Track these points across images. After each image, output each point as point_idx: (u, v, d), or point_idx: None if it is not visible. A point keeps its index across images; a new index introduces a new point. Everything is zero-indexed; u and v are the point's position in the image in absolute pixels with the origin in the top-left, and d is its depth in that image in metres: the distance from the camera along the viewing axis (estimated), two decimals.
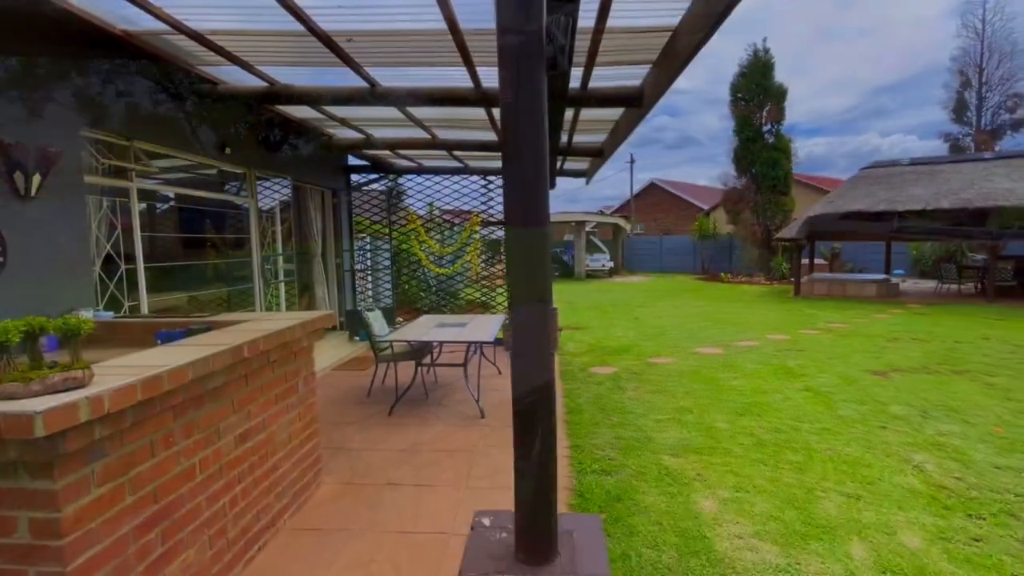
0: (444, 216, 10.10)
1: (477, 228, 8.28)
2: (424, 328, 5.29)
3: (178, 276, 5.62)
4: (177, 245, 6.61)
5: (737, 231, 21.72)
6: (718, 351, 7.49)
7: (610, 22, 2.62)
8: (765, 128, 20.82)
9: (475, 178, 8.13)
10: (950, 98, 25.60)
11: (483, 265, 8.53)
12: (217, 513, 2.32)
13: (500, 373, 6.24)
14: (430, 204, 8.29)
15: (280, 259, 6.21)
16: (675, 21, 2.62)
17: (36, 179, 3.10)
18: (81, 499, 1.64)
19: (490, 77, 3.49)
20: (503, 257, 9.23)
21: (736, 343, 8.07)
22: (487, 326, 5.36)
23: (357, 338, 8.22)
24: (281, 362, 2.88)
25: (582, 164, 7.50)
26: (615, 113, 4.42)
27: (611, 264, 23.30)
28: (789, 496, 3.14)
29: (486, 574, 1.62)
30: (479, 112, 4.64)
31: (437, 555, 2.62)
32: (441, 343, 5.04)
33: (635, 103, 3.53)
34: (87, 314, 3.30)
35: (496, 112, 4.55)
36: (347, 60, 3.21)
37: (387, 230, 8.45)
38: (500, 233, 9.13)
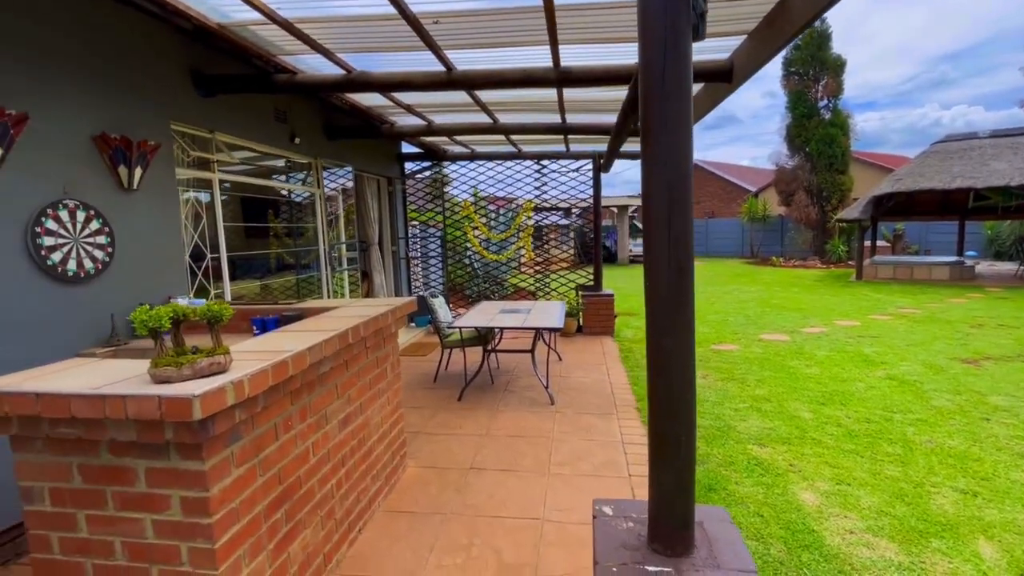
0: (494, 203, 10.08)
1: (530, 214, 8.20)
2: (488, 314, 5.28)
3: (250, 265, 5.82)
4: (248, 234, 6.84)
5: (790, 212, 20.79)
6: (784, 338, 7.20)
7: None
8: (821, 103, 19.72)
9: (528, 163, 8.03)
10: None
11: (536, 251, 8.45)
12: (327, 495, 2.38)
13: (560, 360, 6.20)
14: (474, 190, 8.25)
15: (343, 247, 6.32)
16: None
17: (138, 172, 3.22)
18: (224, 479, 1.69)
19: (573, 56, 3.38)
20: (555, 243, 9.14)
21: (802, 329, 7.73)
22: (552, 312, 5.31)
23: (413, 324, 8.35)
24: (374, 347, 2.92)
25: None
26: (694, 88, 4.22)
27: None
28: (896, 490, 2.97)
29: (625, 564, 1.58)
30: (548, 94, 4.53)
31: (534, 539, 2.61)
32: (501, 329, 5.02)
33: (723, 78, 3.34)
34: (183, 301, 3.43)
35: (570, 93, 4.42)
36: (429, 43, 3.17)
37: (440, 217, 8.49)
38: (553, 219, 9.05)
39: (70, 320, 2.87)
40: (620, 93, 4.36)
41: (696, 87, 4.13)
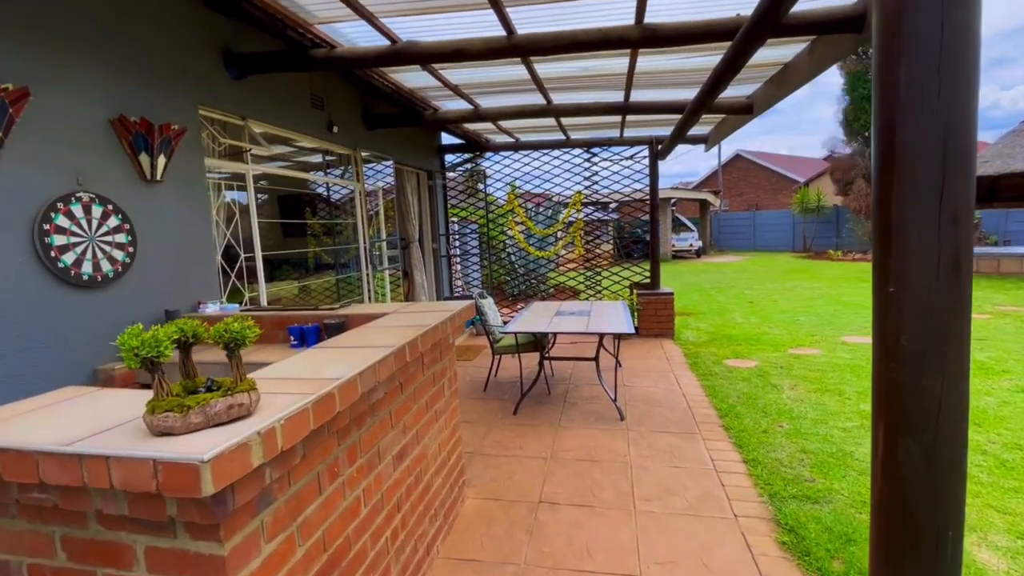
0: (532, 199, 9.53)
1: (580, 207, 7.61)
2: (544, 316, 4.76)
3: (288, 265, 5.49)
4: (284, 232, 6.53)
5: (848, 203, 19.40)
6: (870, 341, 6.37)
7: None
8: None
9: (576, 152, 7.45)
10: None
11: (587, 247, 7.87)
12: (380, 552, 1.90)
13: (620, 365, 5.61)
14: (512, 184, 7.71)
15: (384, 244, 5.92)
16: None
17: (161, 161, 2.84)
18: (252, 562, 1.22)
19: (661, 8, 2.80)
20: (594, 239, 8.52)
21: None
22: (615, 314, 4.73)
23: None
24: (431, 362, 2.43)
25: (703, 128, 6.59)
26: (790, 52, 3.57)
27: (699, 243, 21.73)
28: None
29: None
30: (615, 66, 3.95)
31: None
32: (555, 334, 4.48)
33: (851, 27, 2.70)
34: (213, 308, 3.04)
35: (644, 62, 3.80)
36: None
37: (481, 212, 8.01)
38: (589, 212, 8.45)
39: (86, 331, 2.49)
40: (705, 60, 3.75)
41: (791, 50, 3.48)
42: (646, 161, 7.23)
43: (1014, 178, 11.76)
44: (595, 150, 7.38)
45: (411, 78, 4.36)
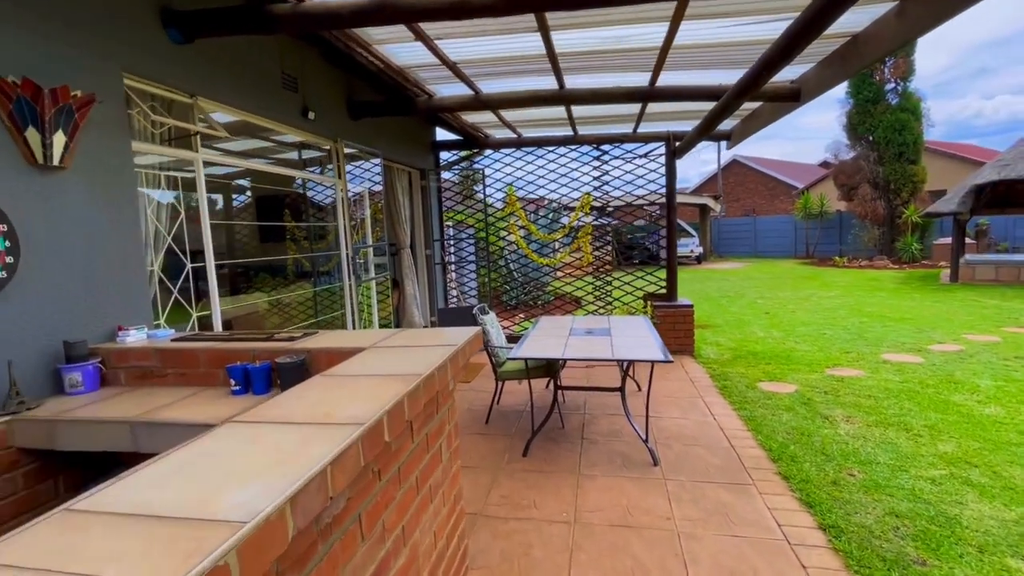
0: (531, 203, 8.83)
1: (588, 210, 6.93)
2: (556, 336, 4.05)
3: (256, 275, 4.74)
4: (252, 237, 5.77)
5: (852, 208, 18.92)
6: (916, 359, 5.73)
7: None
8: (888, 86, 17.84)
9: (585, 150, 6.78)
10: None
11: (595, 253, 7.18)
12: None
13: (639, 389, 4.91)
14: (509, 187, 6.99)
15: (370, 251, 5.19)
16: None
17: (59, 139, 2.10)
18: None
19: None
20: (617, 244, 7.85)
21: (929, 347, 6.24)
22: (640, 333, 4.03)
23: None
24: (423, 423, 1.71)
25: (728, 123, 5.94)
26: (867, 16, 2.91)
27: (700, 249, 21.16)
28: None
29: None
30: (650, 35, 3.27)
31: None
32: (564, 359, 3.77)
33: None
34: (137, 335, 2.30)
35: (686, 30, 3.10)
36: None
37: (479, 215, 7.30)
38: (604, 220, 7.77)
39: None
40: (762, 30, 3.08)
41: (869, 13, 2.80)
42: (661, 159, 6.57)
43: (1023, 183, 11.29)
44: (606, 147, 6.70)
45: (401, 51, 3.65)
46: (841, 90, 19.69)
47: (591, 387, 4.27)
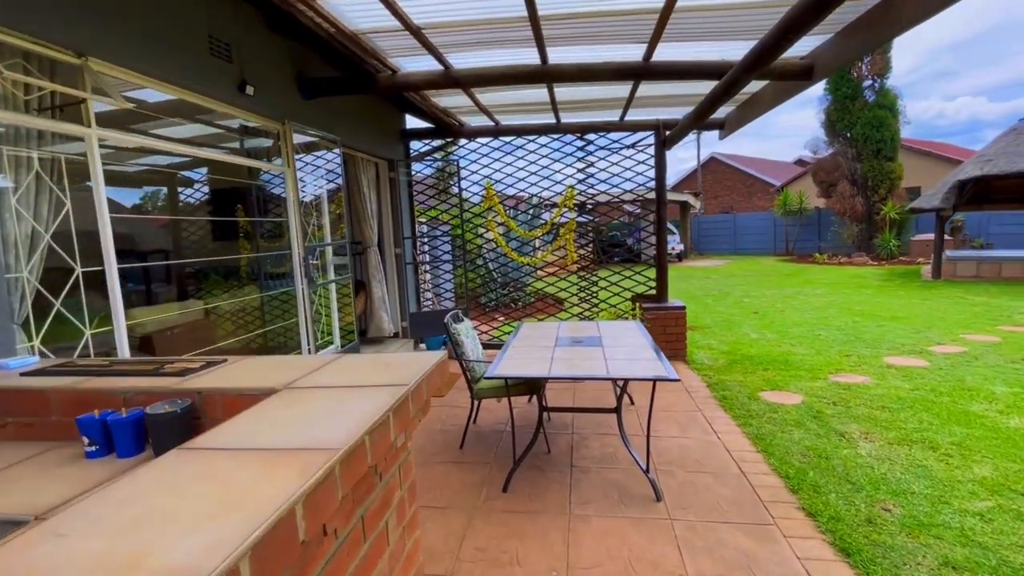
0: (510, 200, 8.29)
1: (572, 204, 6.42)
2: (539, 348, 3.52)
3: (184, 280, 4.09)
4: (206, 237, 5.08)
5: (831, 205, 18.92)
6: (920, 363, 5.40)
7: None
8: (866, 83, 17.85)
9: (568, 139, 6.26)
10: None
11: (579, 252, 6.68)
12: None
13: (632, 403, 4.43)
14: (487, 182, 6.42)
15: (329, 250, 4.58)
16: None
17: None
18: None
19: None
20: (598, 243, 7.38)
21: (930, 348, 5.93)
22: (635, 342, 3.53)
23: (423, 346, 6.59)
24: (349, 512, 1.15)
25: (726, 109, 5.50)
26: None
27: (681, 246, 20.95)
28: None
29: None
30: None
31: None
32: (544, 378, 3.26)
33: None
34: None
35: None
36: None
37: (454, 211, 6.72)
38: (584, 218, 7.28)
39: None
40: None
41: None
42: (650, 151, 6.10)
43: (1003, 179, 11.25)
44: (591, 136, 6.20)
45: (354, 11, 3.05)
46: (820, 87, 19.71)
47: (582, 408, 3.76)
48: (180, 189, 5.32)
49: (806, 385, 4.80)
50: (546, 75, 3.77)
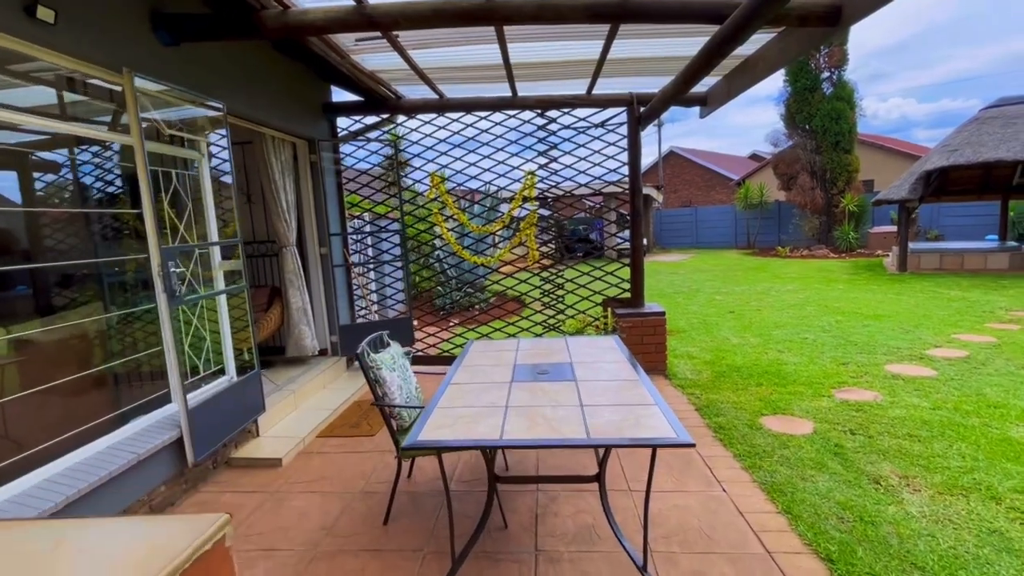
0: (465, 196, 7.29)
1: (532, 194, 5.49)
2: (490, 390, 2.56)
3: (81, 284, 2.91)
4: (84, 234, 3.81)
5: (792, 198, 18.82)
6: (925, 371, 4.78)
7: None
8: (824, 75, 17.76)
9: (528, 117, 5.31)
10: None
11: (540, 249, 5.76)
12: None
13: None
14: (439, 175, 5.39)
15: (216, 252, 3.45)
16: None
17: None
18: None
19: None
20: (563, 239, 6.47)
21: (928, 352, 5.35)
22: (621, 374, 2.62)
23: (357, 364, 5.50)
24: None
25: (711, 79, 4.67)
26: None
27: (645, 241, 20.43)
28: None
29: None
30: None
31: None
32: (494, 447, 2.32)
33: None
34: None
35: None
36: None
37: (393, 202, 5.65)
38: (545, 211, 6.38)
39: None
40: None
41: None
42: (622, 131, 5.24)
43: (961, 171, 11.13)
44: (553, 114, 5.28)
45: None
46: (778, 79, 19.52)
47: (551, 477, 2.84)
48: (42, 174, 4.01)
49: (811, 406, 4.06)
50: (493, 12, 2.79)
